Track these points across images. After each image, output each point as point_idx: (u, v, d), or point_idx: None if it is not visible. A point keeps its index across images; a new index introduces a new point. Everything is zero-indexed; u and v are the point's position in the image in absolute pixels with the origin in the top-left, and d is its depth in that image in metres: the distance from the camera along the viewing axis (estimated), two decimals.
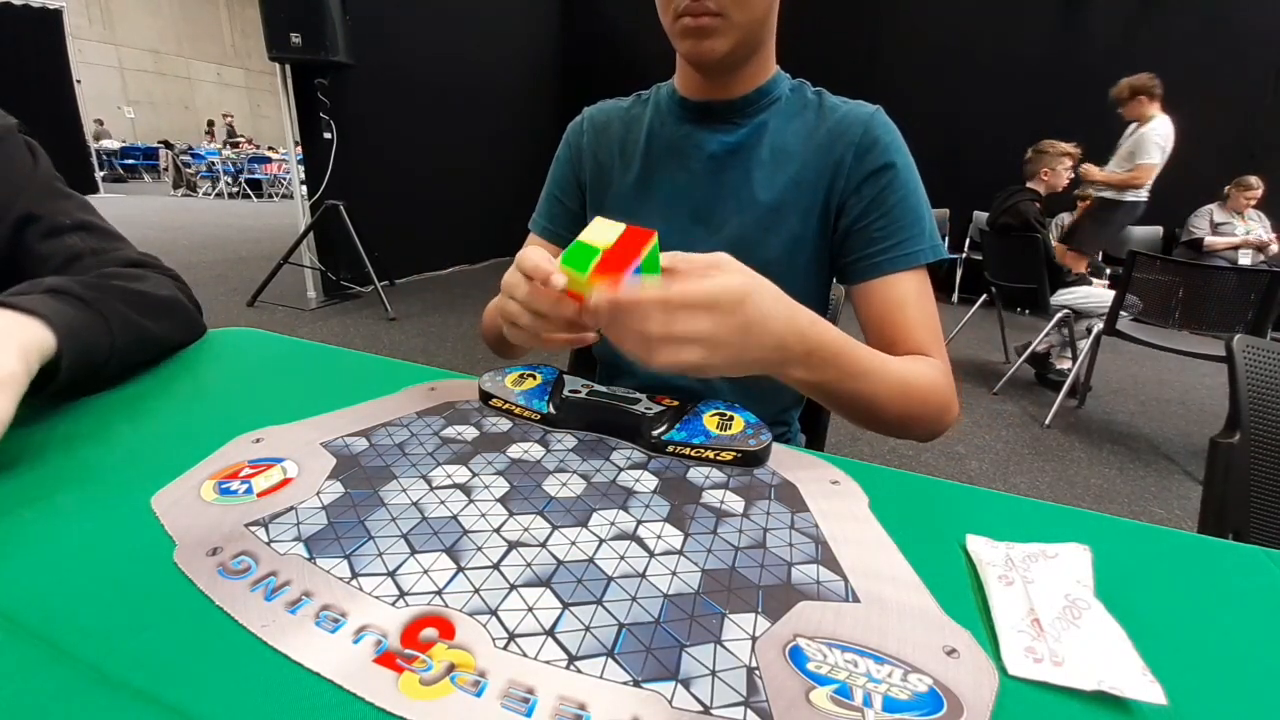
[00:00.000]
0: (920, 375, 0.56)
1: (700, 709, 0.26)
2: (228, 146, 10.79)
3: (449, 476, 0.43)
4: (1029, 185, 2.96)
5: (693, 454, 0.47)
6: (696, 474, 0.45)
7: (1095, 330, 2.49)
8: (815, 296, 0.69)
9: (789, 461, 0.48)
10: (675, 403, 0.53)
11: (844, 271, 0.66)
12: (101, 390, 0.54)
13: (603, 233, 0.42)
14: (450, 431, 0.50)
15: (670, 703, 0.26)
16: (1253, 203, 3.93)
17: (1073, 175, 3.04)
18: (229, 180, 10.20)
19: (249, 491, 0.39)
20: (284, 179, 10.29)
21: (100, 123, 11.05)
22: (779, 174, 0.66)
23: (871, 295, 0.63)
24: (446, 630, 0.29)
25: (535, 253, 0.44)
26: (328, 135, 3.37)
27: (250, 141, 12.34)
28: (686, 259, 0.43)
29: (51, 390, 0.48)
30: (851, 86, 0.71)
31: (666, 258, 0.43)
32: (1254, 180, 3.89)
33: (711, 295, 0.39)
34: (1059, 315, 2.73)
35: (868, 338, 0.62)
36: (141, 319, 0.58)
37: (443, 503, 0.39)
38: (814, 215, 0.66)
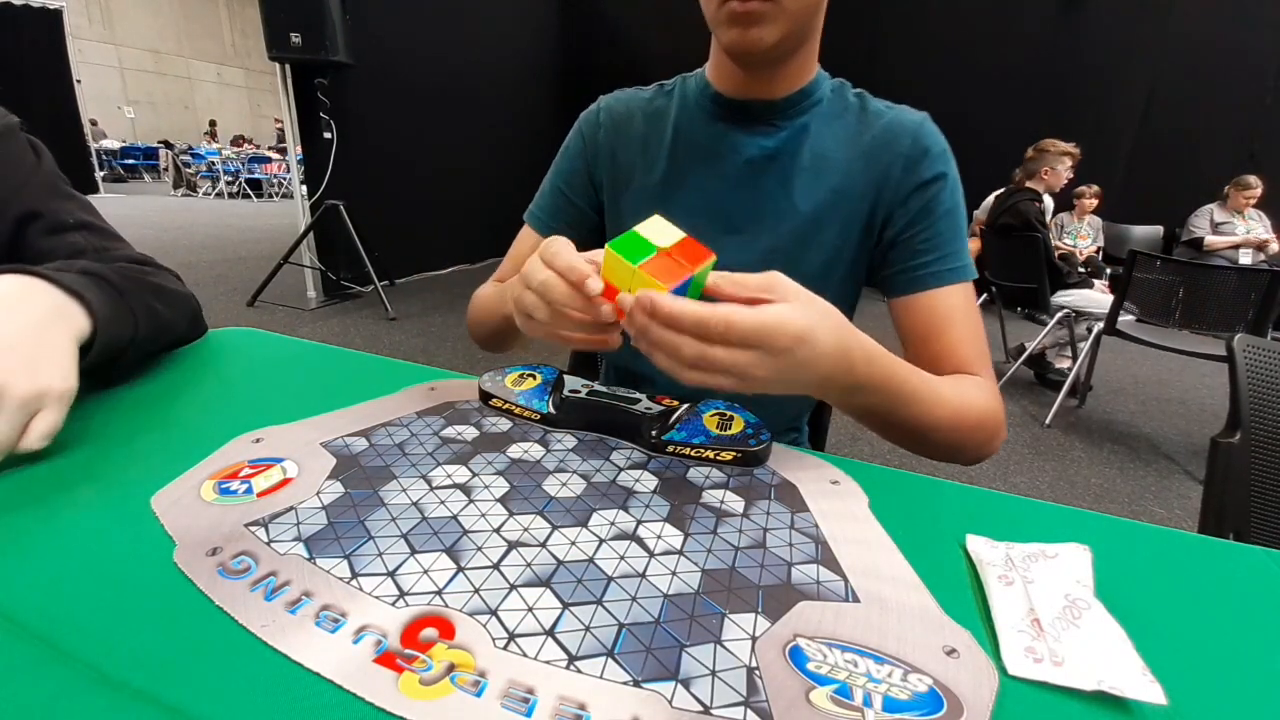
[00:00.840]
0: (973, 401, 0.54)
1: (700, 709, 0.26)
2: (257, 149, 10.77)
3: (449, 476, 0.43)
4: (1029, 184, 2.96)
5: (693, 454, 0.47)
6: (696, 474, 0.45)
7: (1095, 330, 2.49)
8: (846, 310, 0.66)
9: (789, 461, 0.48)
10: (675, 403, 0.53)
11: (886, 283, 0.64)
12: (109, 380, 0.54)
13: (661, 232, 0.39)
14: (450, 431, 0.50)
15: (670, 703, 0.26)
16: (1252, 202, 3.93)
17: (1072, 175, 3.05)
18: (229, 180, 10.20)
19: (249, 491, 0.39)
20: (284, 179, 10.29)
21: (95, 123, 10.80)
22: (819, 182, 0.62)
23: (915, 309, 0.61)
24: (446, 630, 0.29)
25: (567, 249, 0.41)
26: (328, 135, 3.37)
27: (250, 141, 12.34)
28: (734, 280, 0.39)
29: None
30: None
31: (711, 277, 0.39)
32: (1253, 180, 3.89)
33: (759, 332, 0.36)
34: (1059, 315, 2.73)
35: (907, 351, 0.60)
36: (163, 310, 0.59)
37: (443, 503, 0.39)
38: (855, 227, 0.63)
